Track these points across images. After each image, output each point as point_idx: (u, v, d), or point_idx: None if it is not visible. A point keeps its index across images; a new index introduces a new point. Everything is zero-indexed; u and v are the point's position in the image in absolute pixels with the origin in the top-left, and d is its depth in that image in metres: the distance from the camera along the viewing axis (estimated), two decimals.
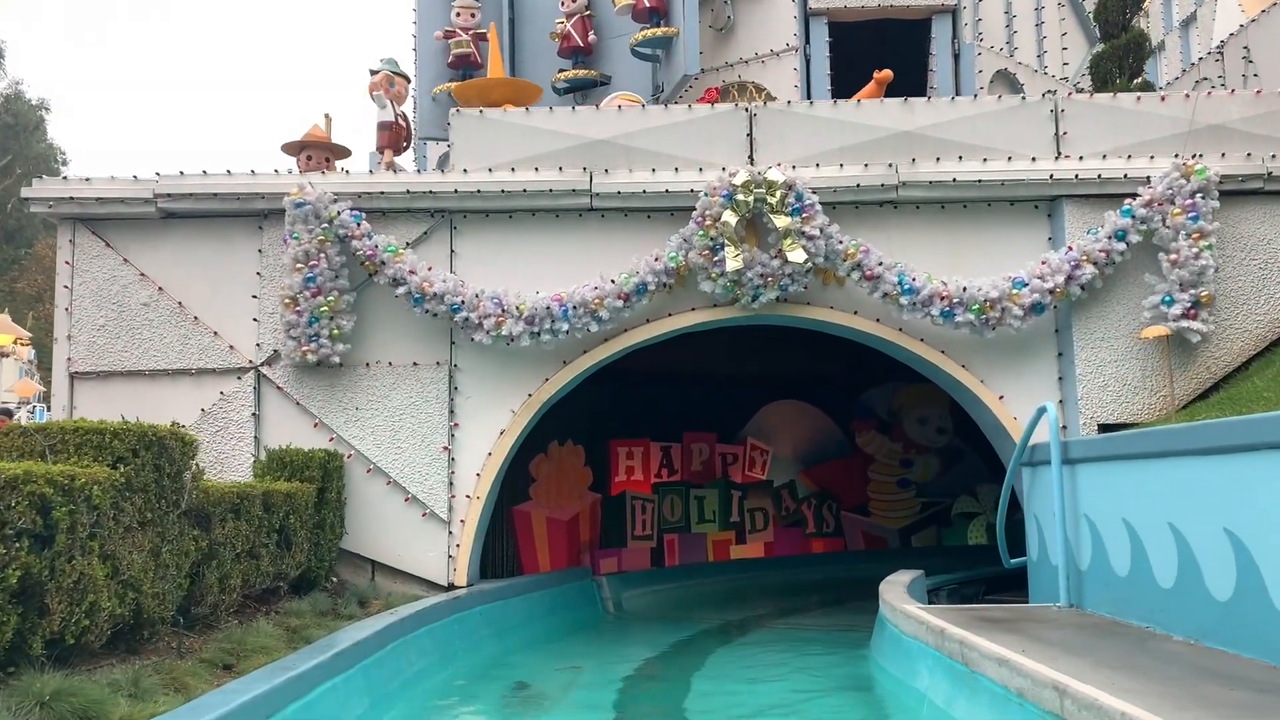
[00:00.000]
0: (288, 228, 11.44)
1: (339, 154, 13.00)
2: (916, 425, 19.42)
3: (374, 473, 11.57)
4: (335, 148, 12.98)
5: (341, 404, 11.68)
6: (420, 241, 11.85)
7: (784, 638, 11.80)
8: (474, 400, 11.72)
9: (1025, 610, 8.49)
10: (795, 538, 18.36)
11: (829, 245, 11.25)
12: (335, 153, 12.95)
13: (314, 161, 12.67)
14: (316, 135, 13.01)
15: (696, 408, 18.16)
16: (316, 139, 12.96)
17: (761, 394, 18.88)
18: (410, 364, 11.72)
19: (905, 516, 19.34)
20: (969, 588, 13.15)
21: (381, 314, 11.78)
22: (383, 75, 13.45)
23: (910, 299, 11.23)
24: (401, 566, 11.57)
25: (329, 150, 12.92)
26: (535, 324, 11.29)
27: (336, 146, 13.01)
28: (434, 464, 11.59)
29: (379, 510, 11.58)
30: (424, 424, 11.64)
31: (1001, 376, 11.63)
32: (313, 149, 12.83)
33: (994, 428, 11.77)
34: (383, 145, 13.35)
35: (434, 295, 11.30)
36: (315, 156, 12.75)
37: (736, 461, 18.11)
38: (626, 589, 14.18)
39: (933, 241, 11.79)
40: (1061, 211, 11.63)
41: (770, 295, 11.33)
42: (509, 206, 11.81)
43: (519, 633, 11.27)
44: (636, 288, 11.32)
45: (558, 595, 12.73)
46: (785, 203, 11.22)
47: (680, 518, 16.79)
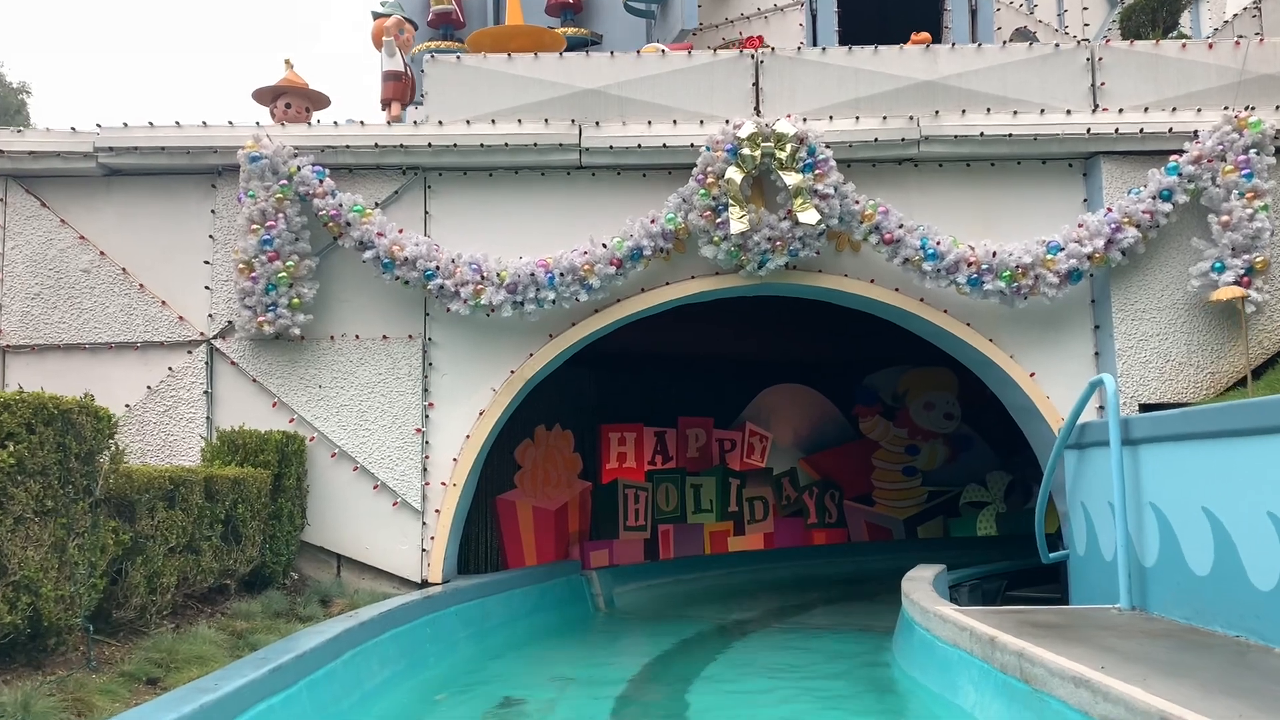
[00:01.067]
0: (242, 184, 10.13)
1: (319, 102, 11.57)
2: (923, 410, 18.20)
3: (339, 457, 10.29)
4: (315, 95, 11.51)
5: (303, 381, 10.39)
6: (391, 202, 10.56)
7: (790, 640, 10.55)
8: (450, 378, 10.44)
9: (1080, 614, 7.28)
10: (796, 529, 17.12)
11: (844, 205, 9.99)
12: (315, 101, 11.51)
13: (293, 110, 11.25)
14: (293, 80, 11.49)
15: (692, 391, 16.96)
16: (294, 84, 11.45)
17: (760, 376, 17.66)
18: (379, 337, 10.43)
19: (911, 506, 18.12)
20: (990, 583, 11.95)
21: (348, 282, 10.48)
22: (395, 20, 12.08)
23: (934, 265, 9.98)
24: (370, 561, 10.29)
25: (308, 98, 11.45)
26: (518, 292, 10.01)
27: (316, 94, 11.53)
28: (406, 448, 10.31)
29: (345, 499, 10.30)
30: (395, 404, 10.36)
31: (1033, 352, 10.39)
32: (291, 95, 11.35)
33: (1024, 409, 10.53)
34: (389, 98, 11.89)
35: (405, 260, 10.00)
36: (295, 104, 11.31)
37: (734, 448, 16.88)
38: (618, 584, 12.92)
39: (956, 204, 10.54)
40: (1098, 170, 10.39)
41: (779, 261, 10.06)
42: (489, 163, 10.51)
43: (500, 635, 10.00)
44: (630, 253, 10.05)
45: (544, 592, 11.46)
46: (796, 158, 9.95)
47: (675, 507, 15.54)
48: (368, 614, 8.02)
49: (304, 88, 11.47)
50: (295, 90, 11.42)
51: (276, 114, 11.22)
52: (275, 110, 11.27)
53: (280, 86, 11.41)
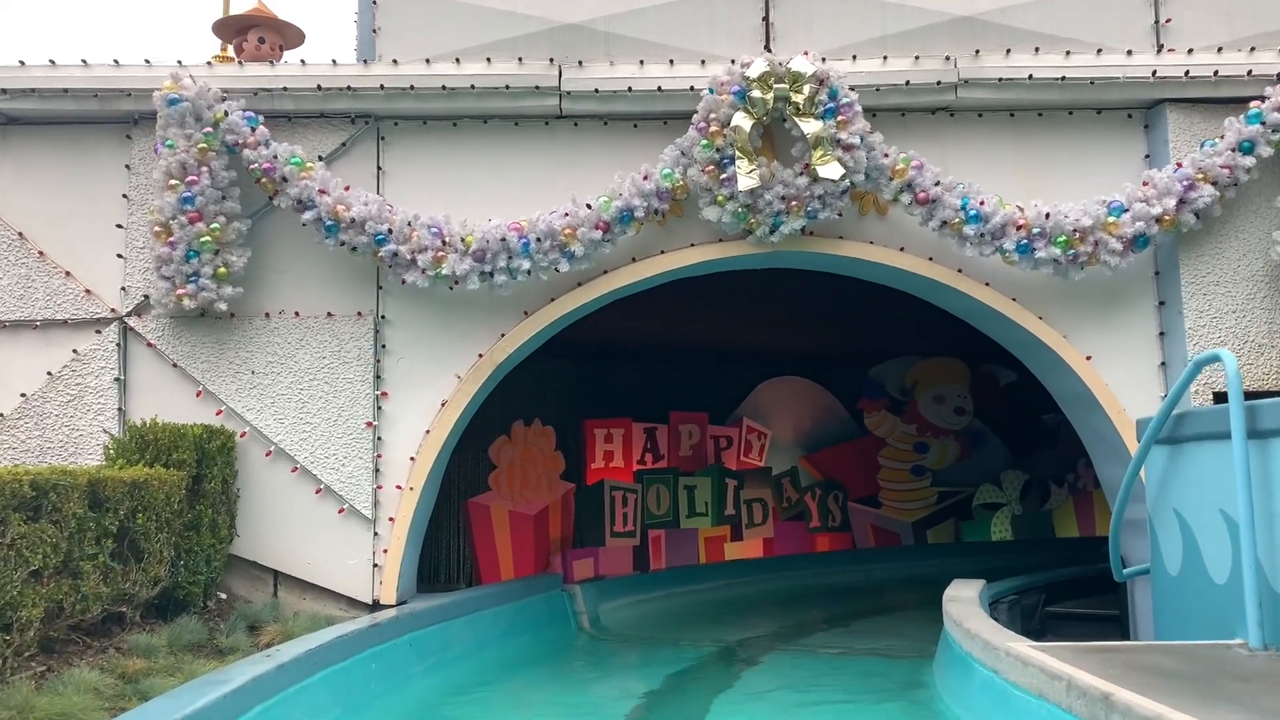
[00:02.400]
0: (159, 132, 8.39)
1: (292, 39, 9.52)
2: (932, 404, 16.55)
3: (276, 456, 8.56)
4: (289, 29, 9.40)
5: (233, 367, 8.65)
6: (338, 156, 8.83)
7: (805, 670, 8.85)
8: (408, 362, 8.72)
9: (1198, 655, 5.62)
10: (797, 533, 15.44)
11: (871, 159, 8.31)
12: (288, 37, 9.46)
13: (266, 46, 9.25)
14: (263, 12, 9.40)
15: (685, 383, 15.24)
16: (264, 15, 9.35)
17: (758, 368, 15.97)
18: (323, 315, 8.69)
19: (920, 508, 16.47)
20: (1028, 597, 10.30)
21: (285, 249, 8.75)
22: None
23: (976, 229, 8.31)
24: (313, 579, 8.56)
25: (280, 32, 9.34)
26: (486, 261, 8.30)
27: (290, 27, 9.40)
28: (355, 445, 8.59)
29: (283, 505, 8.56)
30: (341, 393, 8.63)
31: (1088, 332, 8.74)
32: (264, 29, 9.27)
33: (1078, 397, 8.87)
34: None
35: (352, 222, 8.27)
36: (269, 40, 9.26)
37: (731, 445, 15.19)
38: (604, 600, 11.19)
39: (997, 161, 8.89)
40: (1163, 120, 8.75)
41: (794, 225, 8.37)
42: (453, 110, 8.79)
43: (464, 667, 8.27)
44: (619, 215, 8.35)
45: (518, 612, 9.72)
46: (815, 102, 8.27)
47: (668, 511, 13.85)
48: (291, 652, 6.29)
49: (275, 19, 9.35)
50: (266, 22, 9.32)
51: (248, 49, 9.30)
52: (244, 45, 9.29)
53: (249, 17, 9.35)
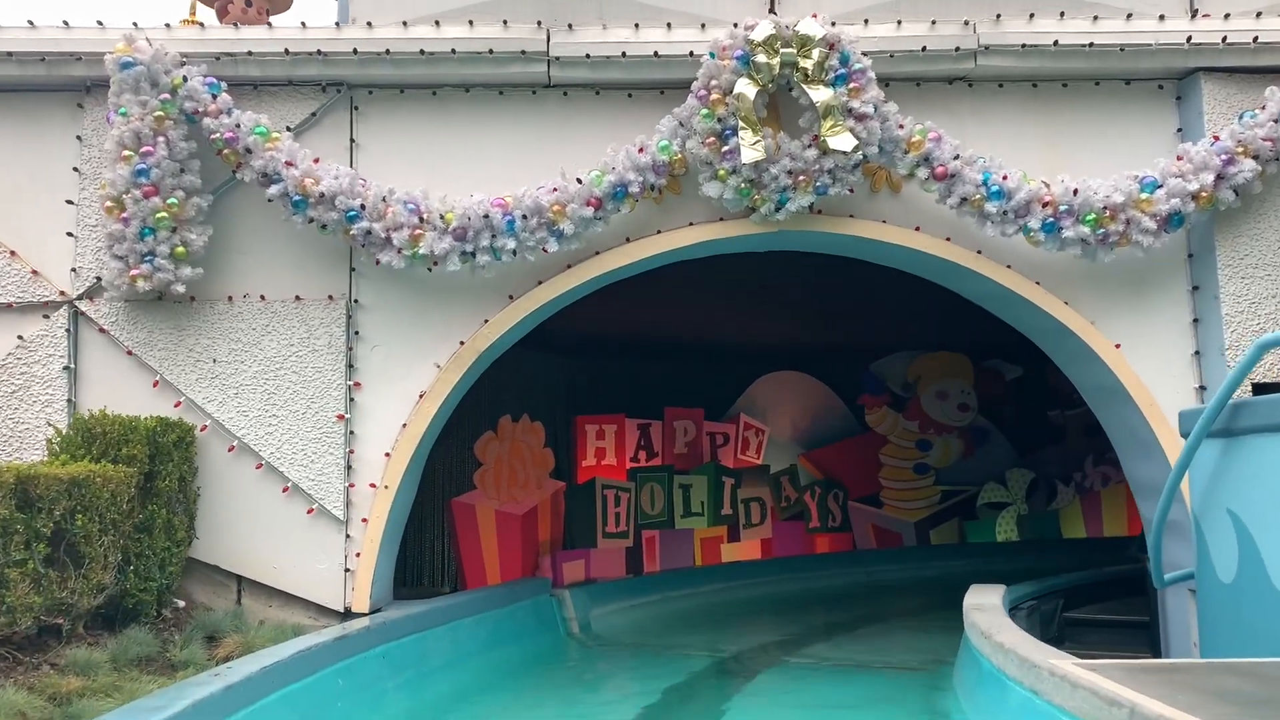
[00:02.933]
0: (112, 100, 7.65)
1: (281, 3, 8.84)
2: (935, 400, 15.85)
3: (240, 451, 7.83)
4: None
5: (193, 355, 7.91)
6: (308, 127, 8.10)
7: (809, 684, 8.14)
8: (383, 350, 7.99)
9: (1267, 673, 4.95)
10: (796, 534, 14.74)
11: (885, 130, 7.61)
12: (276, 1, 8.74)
13: (254, 10, 8.48)
14: None
15: (680, 378, 14.54)
16: None
17: (755, 362, 15.26)
18: (291, 299, 7.97)
19: (923, 508, 15.77)
20: (1046, 602, 9.61)
21: (250, 227, 8.03)
22: None
23: (999, 206, 7.62)
24: (279, 585, 7.83)
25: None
26: (467, 239, 7.58)
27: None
28: (325, 440, 7.86)
29: (247, 505, 7.83)
30: (311, 383, 7.90)
31: (1117, 318, 8.05)
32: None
33: (1106, 389, 8.18)
34: None
35: (321, 197, 7.54)
36: (256, 3, 8.50)
37: (728, 442, 14.47)
38: (596, 605, 10.46)
39: (1018, 135, 8.20)
40: (1197, 91, 8.08)
41: (801, 201, 7.67)
42: (432, 78, 8.07)
43: (443, 682, 7.54)
44: (612, 190, 7.64)
45: (503, 620, 8.99)
46: (825, 68, 7.56)
47: (662, 510, 13.13)
48: (244, 670, 5.56)
49: None
50: None
51: (232, 12, 8.46)
52: (230, 8, 8.46)
53: None
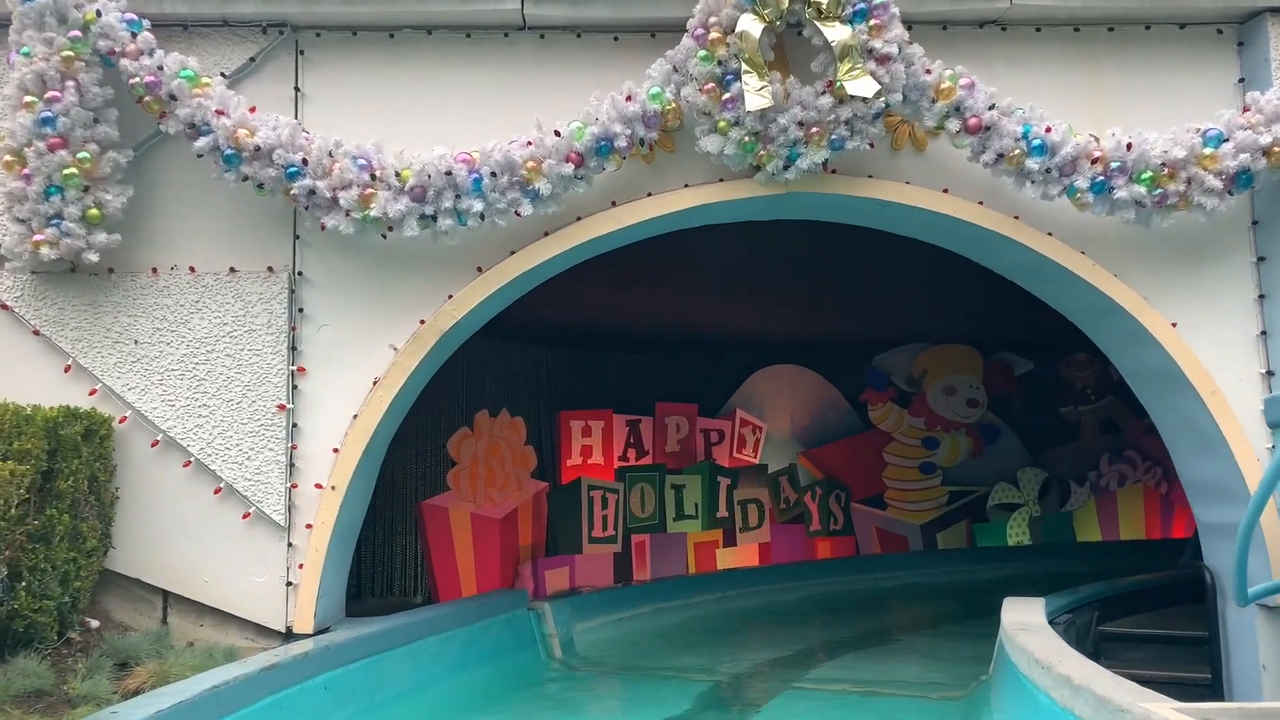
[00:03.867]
0: (13, 37, 6.50)
1: None
2: (942, 395, 14.76)
3: (165, 447, 6.69)
4: None
5: (111, 335, 6.77)
6: (246, 74, 6.95)
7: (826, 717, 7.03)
8: (331, 330, 6.86)
9: None
10: (796, 538, 13.63)
11: (910, 75, 6.50)
12: None
13: None
14: None
15: (672, 371, 13.48)
16: None
17: (752, 355, 14.19)
18: (225, 271, 6.83)
19: (929, 509, 14.68)
20: (1081, 615, 8.51)
21: (179, 189, 6.88)
22: None
23: (1041, 162, 6.51)
24: (211, 601, 6.69)
25: None
26: (427, 200, 6.45)
27: None
28: (264, 433, 6.72)
29: (173, 508, 6.69)
30: (247, 368, 6.76)
31: (1173, 294, 6.95)
32: None
33: (1160, 374, 7.07)
34: None
35: (256, 150, 6.41)
36: None
37: (723, 440, 13.37)
38: (579, 619, 9.30)
39: (1056, 85, 7.09)
40: (1263, 35, 6.99)
41: (814, 158, 6.55)
42: (389, 17, 6.93)
43: (399, 713, 6.39)
44: (596, 144, 6.51)
45: (472, 638, 7.83)
46: (842, 3, 6.45)
47: (653, 513, 12.01)
48: (141, 712, 4.42)
49: None
50: None
51: None
52: None
53: None
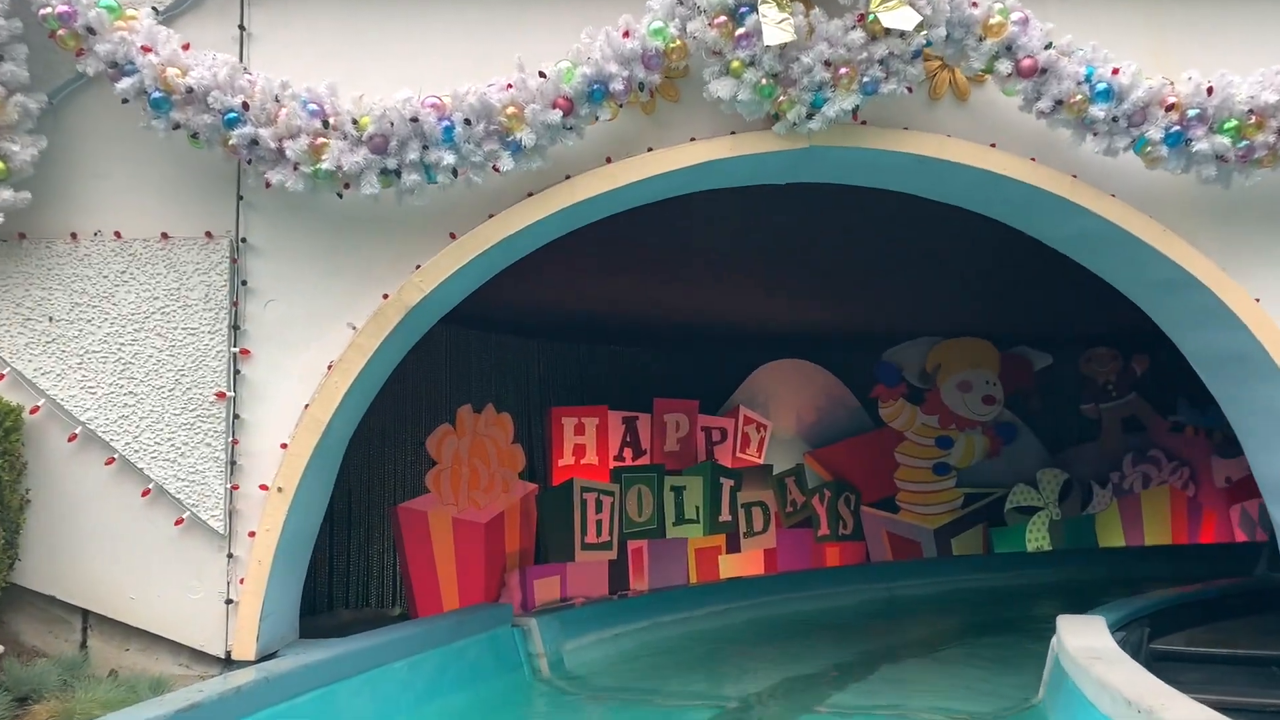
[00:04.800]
0: None
1: None
2: (957, 391, 13.75)
3: (84, 441, 5.67)
4: None
5: (21, 311, 5.74)
6: (183, 9, 5.91)
7: None
8: (280, 306, 5.84)
9: None
10: (804, 543, 12.61)
11: (954, 8, 5.51)
12: None
13: None
14: None
15: (671, 365, 12.47)
16: None
17: (755, 348, 13.19)
18: (156, 237, 5.80)
19: (944, 512, 13.66)
20: (1132, 631, 7.52)
21: (103, 142, 5.86)
22: None
23: (1107, 109, 5.52)
24: (139, 622, 5.68)
25: None
26: (390, 152, 5.43)
27: None
28: (200, 426, 5.70)
29: (95, 514, 5.67)
30: (182, 350, 5.75)
31: (1256, 264, 5.96)
32: None
33: (1239, 357, 6.08)
34: None
35: (189, 93, 5.39)
36: None
37: (725, 439, 12.36)
38: (569, 636, 8.27)
39: (1115, 24, 6.08)
40: None
41: (843, 104, 5.54)
42: None
43: None
44: (588, 88, 5.49)
45: (447, 661, 6.78)
46: None
47: (651, 517, 10.99)
48: None
49: None
50: None
51: None
52: None
53: None
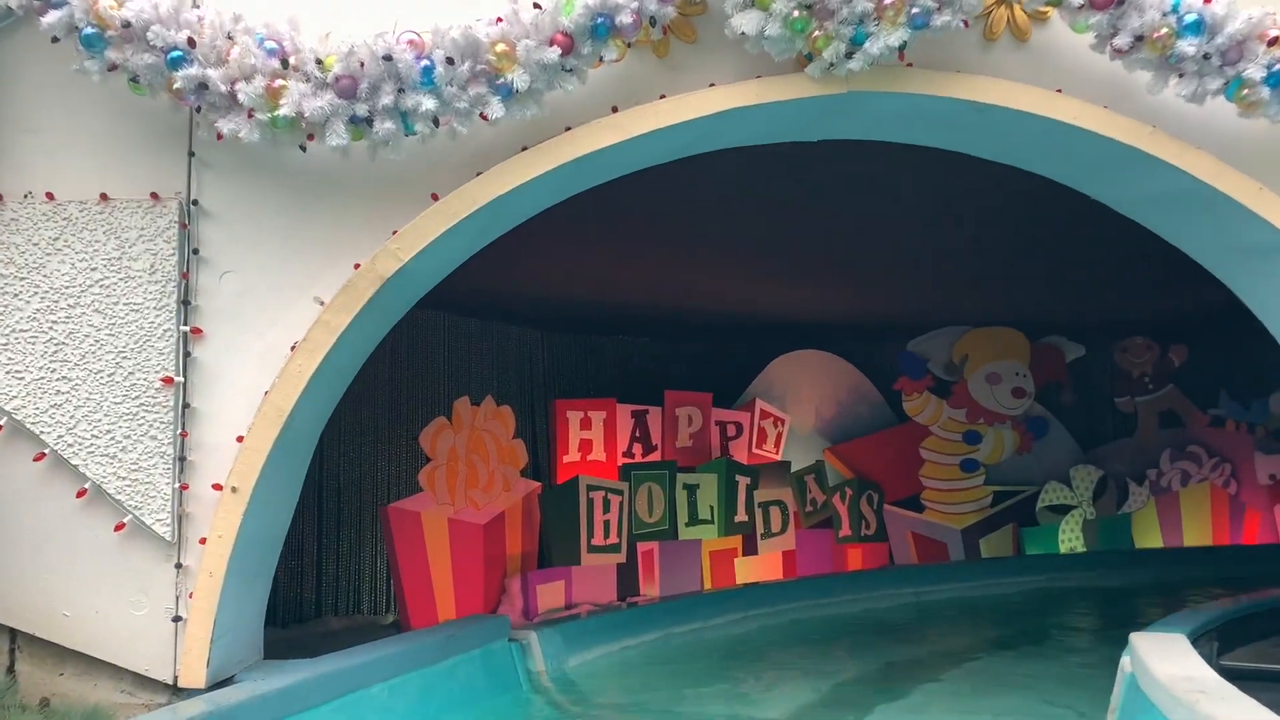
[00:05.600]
0: None
1: None
2: (985, 385, 12.89)
3: (10, 434, 4.88)
4: None
5: None
6: None
7: None
8: (237, 279, 5.02)
9: None
10: (824, 545, 11.77)
11: None
12: None
13: None
14: None
15: (683, 356, 11.68)
16: None
17: (771, 338, 12.39)
18: (94, 199, 5.00)
19: (971, 512, 12.80)
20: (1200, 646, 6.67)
21: (30, 89, 5.06)
22: None
23: (1196, 44, 4.68)
24: (74, 643, 4.88)
25: None
26: (360, 97, 4.61)
27: None
28: (144, 416, 4.90)
29: (22, 517, 4.87)
30: (123, 329, 4.94)
31: None
32: None
33: None
34: None
35: (126, 29, 4.59)
36: None
37: (741, 434, 11.54)
38: (573, 651, 7.40)
39: None
40: None
41: (889, 40, 4.69)
42: None
43: None
44: (591, 21, 4.66)
45: (436, 682, 5.95)
46: None
47: (663, 517, 10.17)
48: None
49: None
50: None
51: None
52: None
53: None
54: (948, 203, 8.09)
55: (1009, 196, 7.49)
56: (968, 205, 8.14)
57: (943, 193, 7.86)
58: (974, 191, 7.64)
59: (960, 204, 8.11)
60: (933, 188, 7.74)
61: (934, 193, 7.88)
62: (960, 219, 8.58)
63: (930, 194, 7.92)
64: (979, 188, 7.44)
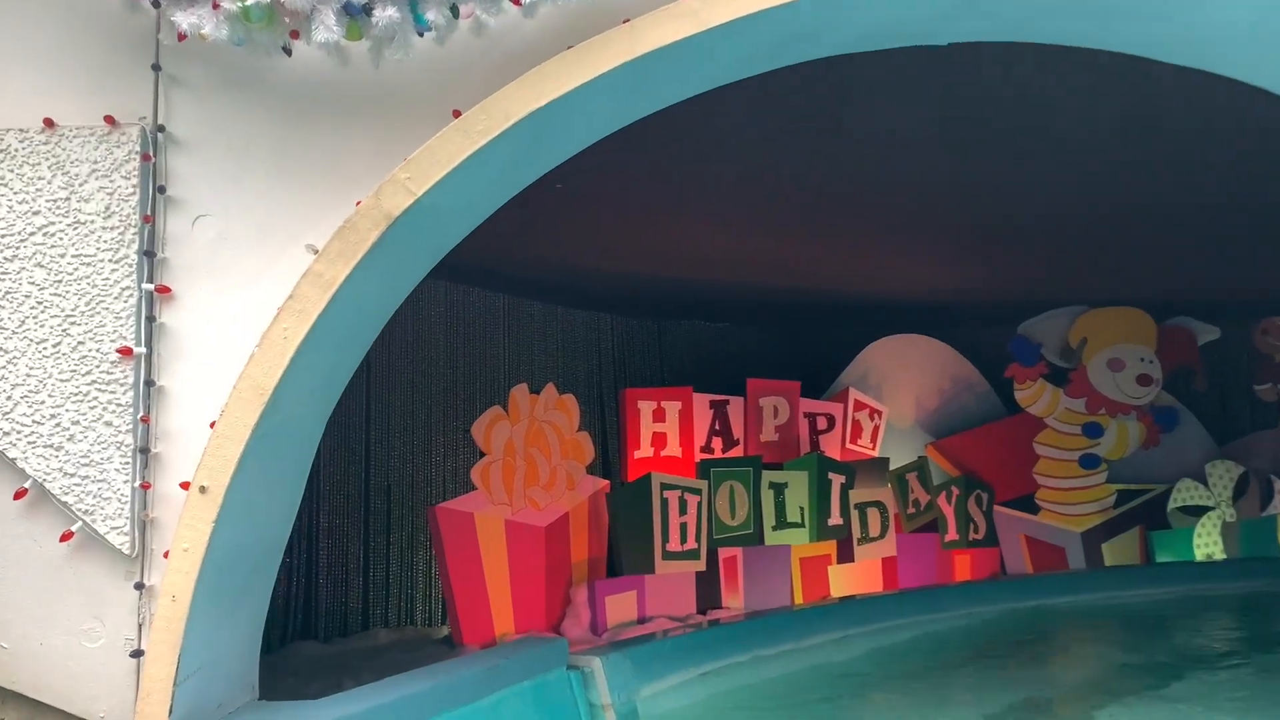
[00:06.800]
0: None
1: None
2: (1107, 371, 11.34)
3: None
4: None
5: None
6: None
7: None
8: (213, 223, 3.93)
9: None
10: (928, 550, 10.39)
11: None
12: None
13: None
14: None
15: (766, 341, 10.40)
16: None
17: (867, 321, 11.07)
18: (35, 126, 3.96)
19: (1092, 513, 11.27)
20: None
21: None
22: None
23: None
24: (13, 683, 3.84)
25: None
26: None
27: None
28: (97, 396, 3.84)
29: None
30: (71, 288, 3.89)
31: None
32: None
33: None
34: None
35: None
36: None
37: (832, 427, 10.24)
38: (645, 680, 6.14)
39: None
40: None
41: None
42: None
43: None
44: None
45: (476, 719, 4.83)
46: None
47: (746, 520, 8.93)
48: None
49: None
50: None
51: None
52: None
53: None
54: (1069, 161, 6.75)
55: (1151, 148, 6.16)
56: (1094, 164, 6.80)
57: (1065, 146, 6.53)
58: (1105, 145, 6.32)
59: (1083, 162, 6.77)
60: (1055, 140, 6.42)
61: (1056, 146, 6.55)
62: (1088, 180, 7.23)
63: (1052, 148, 6.59)
64: (1113, 140, 6.13)
